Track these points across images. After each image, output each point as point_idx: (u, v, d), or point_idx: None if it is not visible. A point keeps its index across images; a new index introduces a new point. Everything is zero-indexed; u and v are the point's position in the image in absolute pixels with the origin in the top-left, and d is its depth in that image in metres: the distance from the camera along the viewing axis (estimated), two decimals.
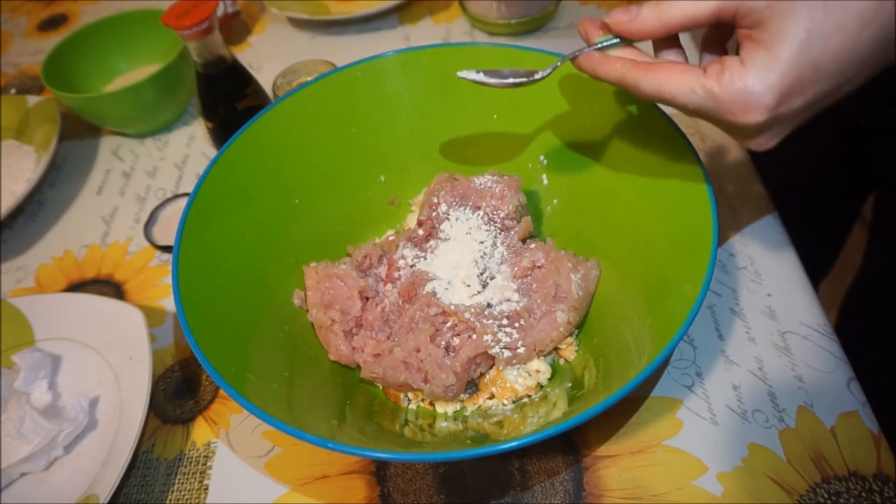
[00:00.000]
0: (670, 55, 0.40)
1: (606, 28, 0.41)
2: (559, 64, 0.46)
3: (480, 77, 0.46)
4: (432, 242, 0.55)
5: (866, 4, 0.31)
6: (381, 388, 0.53)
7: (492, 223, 0.55)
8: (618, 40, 0.41)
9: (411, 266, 0.54)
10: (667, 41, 0.40)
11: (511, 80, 0.45)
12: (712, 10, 0.35)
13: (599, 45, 0.41)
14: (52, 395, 0.56)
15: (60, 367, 0.59)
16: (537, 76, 0.46)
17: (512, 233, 0.55)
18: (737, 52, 0.36)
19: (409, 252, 0.55)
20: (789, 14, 0.32)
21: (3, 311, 0.60)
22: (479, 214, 0.55)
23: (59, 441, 0.52)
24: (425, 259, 0.54)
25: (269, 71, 0.86)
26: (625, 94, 0.52)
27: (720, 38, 0.41)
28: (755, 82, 0.33)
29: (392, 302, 0.53)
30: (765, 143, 0.38)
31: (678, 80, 0.36)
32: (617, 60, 0.39)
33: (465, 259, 0.53)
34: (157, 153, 0.81)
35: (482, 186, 0.56)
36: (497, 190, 0.56)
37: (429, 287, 0.52)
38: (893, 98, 0.63)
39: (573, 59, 0.42)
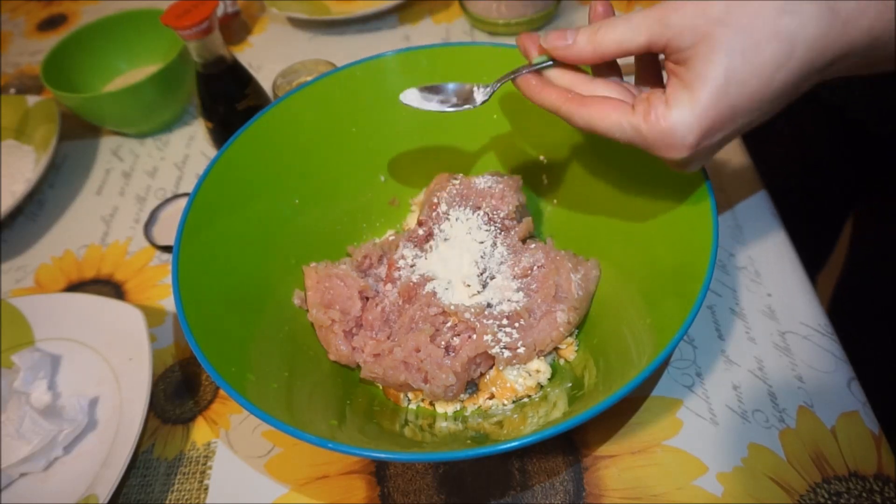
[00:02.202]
0: (605, 85, 0.41)
1: (544, 49, 0.42)
2: (498, 86, 0.46)
3: (419, 103, 0.47)
4: (432, 242, 0.55)
5: (778, 49, 0.34)
6: (381, 388, 0.53)
7: (492, 223, 0.55)
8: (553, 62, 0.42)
9: (411, 266, 0.54)
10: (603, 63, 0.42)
11: (449, 108, 0.46)
12: (644, 43, 0.37)
13: (538, 66, 0.43)
14: (52, 396, 0.56)
15: (60, 367, 0.59)
16: (478, 101, 0.46)
17: (512, 233, 0.55)
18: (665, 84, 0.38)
19: (409, 252, 0.55)
20: (710, 59, 0.35)
21: (3, 311, 0.60)
22: (479, 214, 0.55)
23: (59, 441, 0.52)
24: (425, 259, 0.54)
25: (269, 71, 0.86)
26: None
27: (652, 76, 0.43)
28: (677, 125, 0.36)
29: (392, 302, 0.53)
30: (688, 170, 0.41)
31: (608, 117, 0.39)
32: (552, 91, 0.42)
33: (465, 259, 0.53)
34: (157, 153, 0.81)
35: (482, 186, 0.56)
36: (497, 190, 0.56)
37: (429, 287, 0.52)
38: None
39: (513, 80, 0.44)
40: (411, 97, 0.47)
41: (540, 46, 0.42)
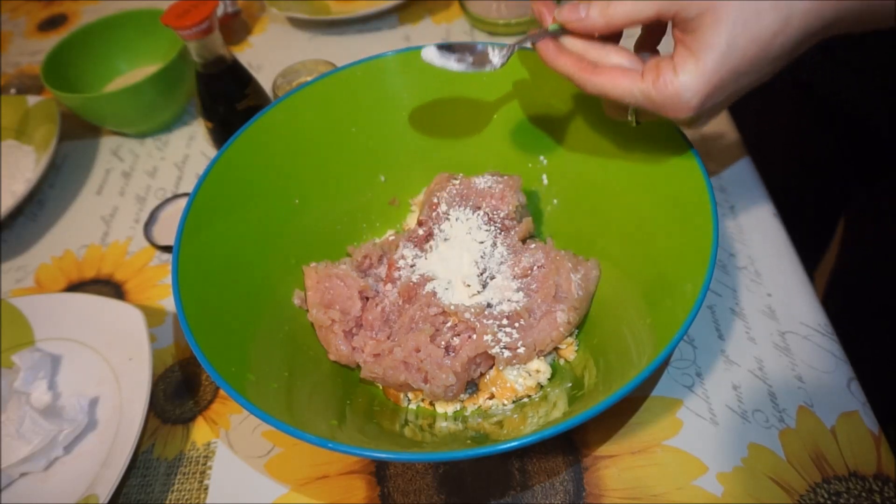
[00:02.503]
0: (615, 52, 0.44)
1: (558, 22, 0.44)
2: (515, 49, 0.47)
3: (440, 61, 0.47)
4: (432, 242, 0.55)
5: (776, 18, 0.37)
6: (381, 388, 0.53)
7: (492, 223, 0.55)
8: None
9: (411, 266, 0.54)
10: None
11: (469, 68, 0.47)
12: (654, 13, 0.40)
13: (553, 31, 0.45)
14: (52, 395, 0.56)
15: (60, 367, 0.59)
16: (496, 63, 0.47)
17: (512, 233, 0.55)
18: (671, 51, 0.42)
19: (409, 252, 0.55)
20: (715, 28, 0.38)
21: (3, 311, 0.60)
22: (479, 214, 0.55)
23: (59, 441, 0.52)
24: (425, 259, 0.54)
25: (269, 71, 0.86)
26: None
27: (653, 40, 0.46)
28: (685, 89, 0.39)
29: (392, 302, 0.53)
30: (695, 127, 0.45)
31: (619, 84, 0.42)
32: (568, 58, 0.44)
33: (465, 259, 0.53)
34: (157, 153, 0.81)
35: (482, 186, 0.56)
36: (497, 190, 0.56)
37: (429, 287, 0.52)
38: None
39: (532, 43, 0.45)
40: (431, 54, 0.47)
41: (554, 17, 0.44)
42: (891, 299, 0.76)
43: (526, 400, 0.50)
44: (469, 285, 0.52)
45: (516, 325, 0.49)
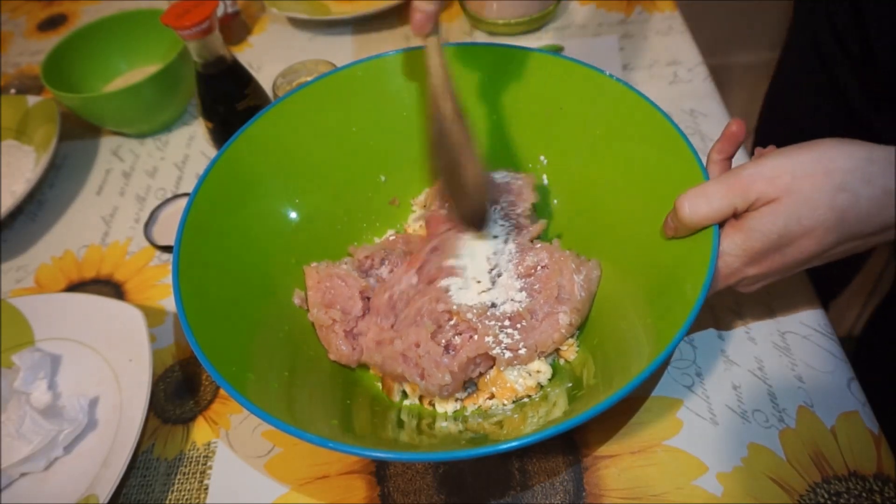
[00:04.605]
0: None
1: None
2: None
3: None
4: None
5: (832, 216, 0.39)
6: (381, 388, 0.53)
7: (507, 219, 0.55)
8: None
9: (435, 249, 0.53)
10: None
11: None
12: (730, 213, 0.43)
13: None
14: (52, 395, 0.56)
15: (60, 367, 0.59)
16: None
17: (524, 231, 0.55)
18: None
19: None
20: (770, 216, 0.41)
21: (3, 311, 0.60)
22: (496, 209, 0.55)
23: (59, 441, 0.52)
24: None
25: (269, 71, 0.86)
26: (625, 95, 0.53)
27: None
28: (723, 256, 0.43)
29: (402, 290, 0.52)
30: (743, 289, 0.47)
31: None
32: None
33: (479, 253, 0.53)
34: (157, 153, 0.81)
35: (499, 181, 0.56)
36: (515, 186, 0.56)
37: (443, 283, 0.51)
38: None
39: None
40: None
41: None
42: None
43: (526, 400, 0.50)
44: (480, 281, 0.52)
45: (518, 326, 0.49)
